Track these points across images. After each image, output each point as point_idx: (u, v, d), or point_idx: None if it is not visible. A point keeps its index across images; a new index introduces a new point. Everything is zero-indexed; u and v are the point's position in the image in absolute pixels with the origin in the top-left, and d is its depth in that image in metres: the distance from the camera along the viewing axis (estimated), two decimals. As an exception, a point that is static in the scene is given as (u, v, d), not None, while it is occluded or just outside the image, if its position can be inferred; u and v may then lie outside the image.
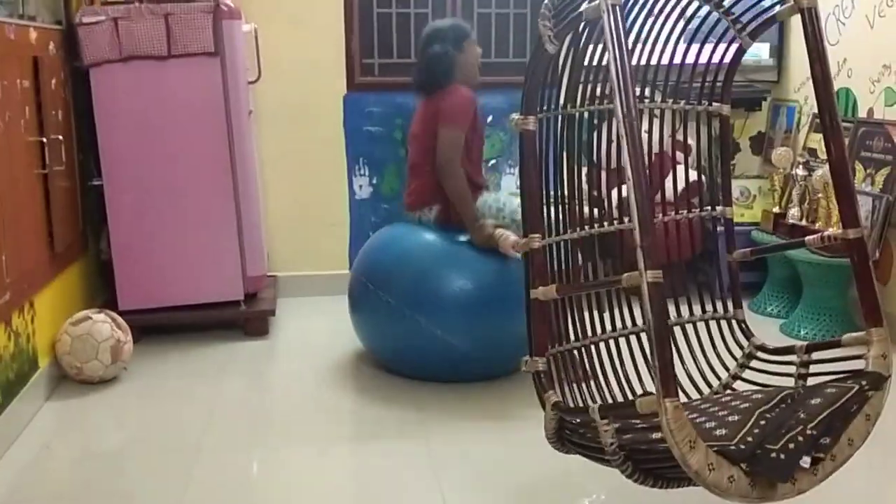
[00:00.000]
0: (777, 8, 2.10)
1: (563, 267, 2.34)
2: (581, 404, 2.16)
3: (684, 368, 2.37)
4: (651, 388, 1.69)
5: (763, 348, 2.42)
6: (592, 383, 2.28)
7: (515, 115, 2.20)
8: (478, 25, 4.38)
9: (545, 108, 2.26)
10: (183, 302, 3.67)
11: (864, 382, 1.93)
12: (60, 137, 3.25)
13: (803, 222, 3.94)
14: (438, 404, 3.04)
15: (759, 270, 4.27)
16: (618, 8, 1.77)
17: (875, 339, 2.02)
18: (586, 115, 2.41)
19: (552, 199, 2.33)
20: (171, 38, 3.46)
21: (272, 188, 4.32)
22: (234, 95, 3.61)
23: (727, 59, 2.42)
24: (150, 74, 3.50)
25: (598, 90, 2.38)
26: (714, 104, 2.49)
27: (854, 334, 2.12)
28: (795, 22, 4.46)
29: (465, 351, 3.09)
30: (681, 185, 4.42)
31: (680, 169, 4.56)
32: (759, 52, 4.55)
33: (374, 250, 3.41)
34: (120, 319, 3.34)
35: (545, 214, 2.28)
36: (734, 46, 2.33)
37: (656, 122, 2.63)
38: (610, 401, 2.25)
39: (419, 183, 3.36)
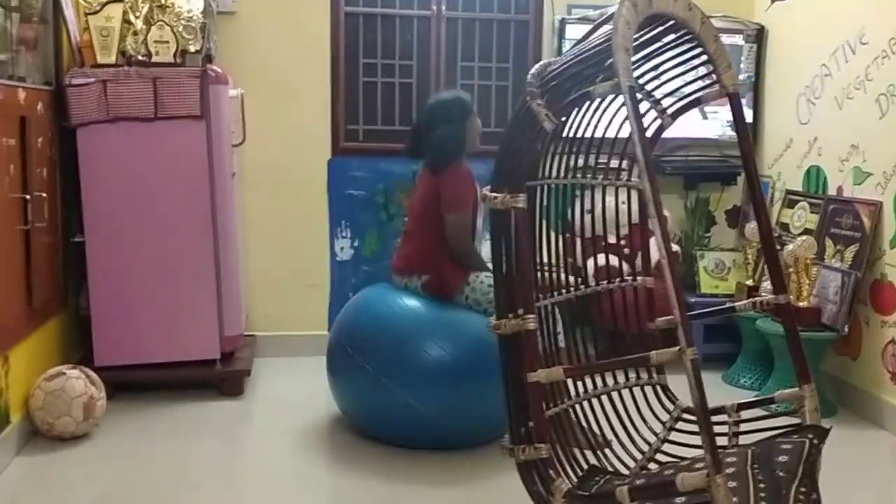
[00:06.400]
0: (702, 92, 2.20)
1: (549, 344, 2.32)
2: (594, 486, 2.08)
3: (615, 435, 2.42)
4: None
5: (690, 410, 2.39)
6: (589, 454, 2.26)
7: (494, 193, 2.04)
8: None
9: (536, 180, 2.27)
10: (159, 359, 3.68)
11: (811, 435, 2.00)
12: (44, 194, 3.30)
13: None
14: (414, 474, 3.02)
15: (733, 342, 4.30)
16: (634, 89, 1.82)
17: (808, 394, 2.12)
18: (568, 186, 2.47)
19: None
20: (158, 100, 3.55)
21: (254, 248, 4.37)
22: (219, 157, 3.69)
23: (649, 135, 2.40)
24: (136, 135, 3.58)
25: (580, 162, 2.41)
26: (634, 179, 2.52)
27: (787, 391, 2.23)
28: (770, 101, 4.61)
29: (437, 419, 3.10)
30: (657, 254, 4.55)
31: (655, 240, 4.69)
32: (735, 128, 4.66)
33: (354, 312, 3.42)
34: (94, 376, 3.35)
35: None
36: (656, 124, 2.31)
37: (622, 193, 2.70)
38: (611, 469, 2.26)
39: (411, 249, 3.42)
